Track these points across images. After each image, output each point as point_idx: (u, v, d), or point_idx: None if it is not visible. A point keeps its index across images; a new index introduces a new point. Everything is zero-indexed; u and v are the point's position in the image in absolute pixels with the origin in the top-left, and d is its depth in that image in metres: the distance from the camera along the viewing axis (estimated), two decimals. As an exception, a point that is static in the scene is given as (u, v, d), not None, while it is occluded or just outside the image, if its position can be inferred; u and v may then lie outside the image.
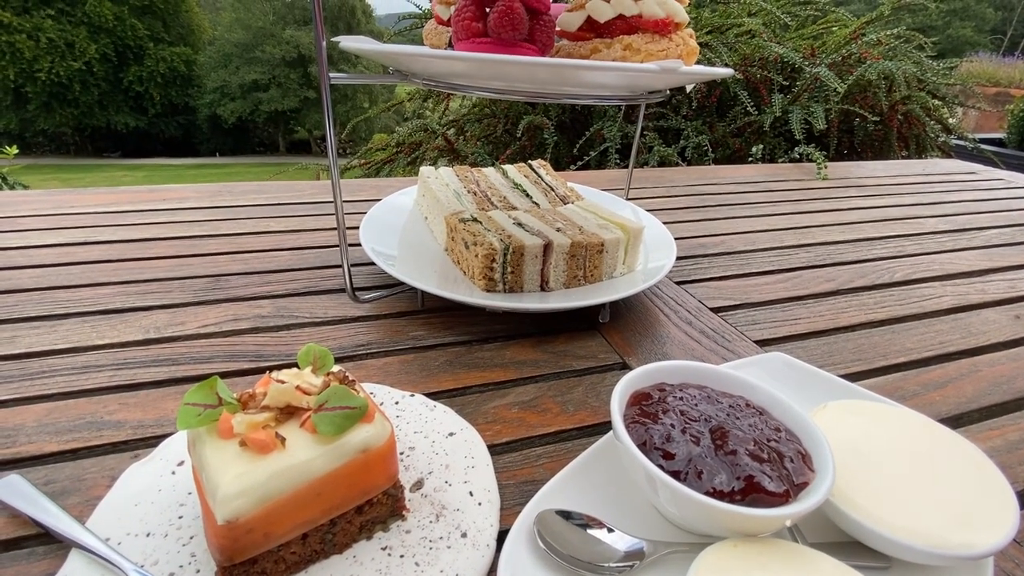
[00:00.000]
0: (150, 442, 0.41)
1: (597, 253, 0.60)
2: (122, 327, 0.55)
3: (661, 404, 0.34)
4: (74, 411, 0.43)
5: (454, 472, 0.37)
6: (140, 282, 0.64)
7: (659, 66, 0.39)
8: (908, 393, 0.51)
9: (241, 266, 0.70)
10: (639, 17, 0.44)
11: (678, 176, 1.24)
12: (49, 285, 0.63)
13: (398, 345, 0.54)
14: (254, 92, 17.74)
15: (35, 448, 0.40)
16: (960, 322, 0.65)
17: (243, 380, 0.48)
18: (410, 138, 1.91)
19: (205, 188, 0.99)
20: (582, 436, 0.44)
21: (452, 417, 0.42)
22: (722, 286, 0.71)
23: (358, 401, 0.30)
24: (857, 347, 0.59)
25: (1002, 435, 0.46)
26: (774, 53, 1.70)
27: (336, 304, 0.61)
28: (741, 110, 1.84)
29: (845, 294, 0.71)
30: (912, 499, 0.31)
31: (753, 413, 0.34)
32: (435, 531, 0.33)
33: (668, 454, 0.31)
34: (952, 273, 0.78)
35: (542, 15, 0.41)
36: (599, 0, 0.45)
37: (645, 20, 0.44)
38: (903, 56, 1.94)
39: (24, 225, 0.79)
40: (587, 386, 0.50)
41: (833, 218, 1.00)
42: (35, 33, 16.06)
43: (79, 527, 0.32)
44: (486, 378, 0.50)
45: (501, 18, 0.38)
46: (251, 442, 0.27)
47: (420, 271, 0.61)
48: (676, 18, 0.44)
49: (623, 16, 0.44)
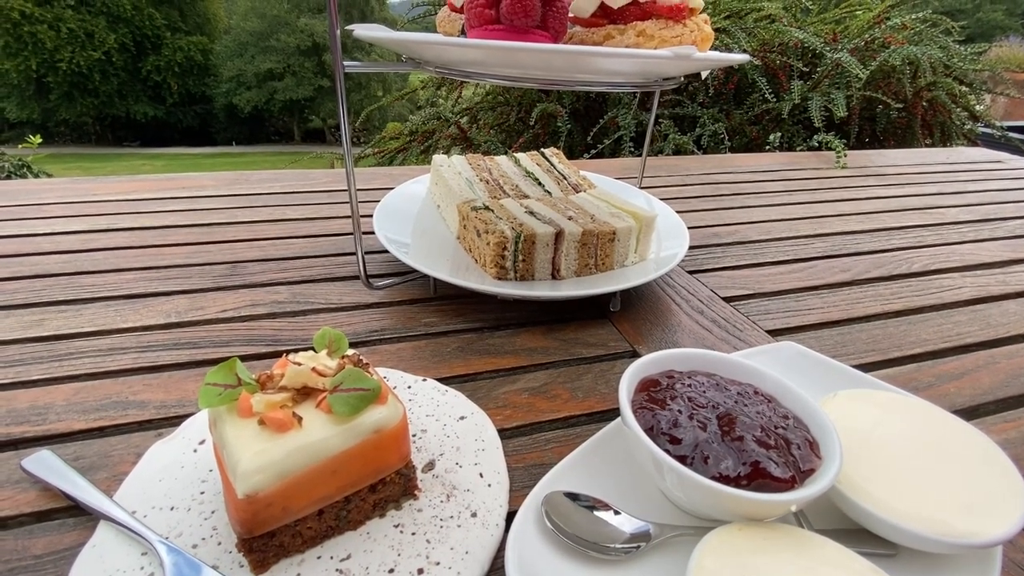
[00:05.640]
0: (172, 421, 0.42)
1: (608, 241, 0.60)
2: (144, 311, 0.57)
3: (669, 391, 0.34)
4: (100, 391, 0.45)
5: (465, 454, 0.38)
6: (161, 268, 0.66)
7: (672, 52, 0.39)
8: (922, 384, 0.51)
9: (258, 253, 0.71)
10: (653, 3, 0.43)
11: (693, 164, 1.22)
12: (74, 270, 0.65)
13: (411, 331, 0.55)
14: (269, 81, 17.85)
15: (64, 426, 0.41)
16: (979, 313, 0.64)
17: (261, 363, 0.50)
18: (423, 127, 1.92)
19: (222, 176, 1.01)
20: (591, 422, 0.44)
21: (463, 401, 0.43)
22: (735, 275, 0.71)
23: (372, 383, 0.31)
24: (872, 338, 0.58)
25: (1017, 427, 0.46)
26: (794, 38, 1.66)
27: (351, 291, 0.62)
28: (759, 97, 1.80)
29: (861, 284, 0.70)
30: (920, 487, 0.31)
31: (761, 401, 0.34)
32: (446, 510, 0.34)
33: (675, 439, 0.31)
34: (973, 264, 0.77)
35: (555, 2, 0.41)
36: (613, -14, 0.44)
37: (659, 6, 0.43)
38: (929, 41, 1.88)
39: (50, 212, 0.82)
40: (596, 373, 0.50)
41: (851, 208, 0.98)
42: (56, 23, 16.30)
43: (107, 500, 0.33)
44: (497, 364, 0.51)
45: (514, 5, 0.38)
46: (269, 421, 0.28)
47: (432, 259, 0.62)
48: (690, 3, 0.43)
49: (637, 2, 0.44)
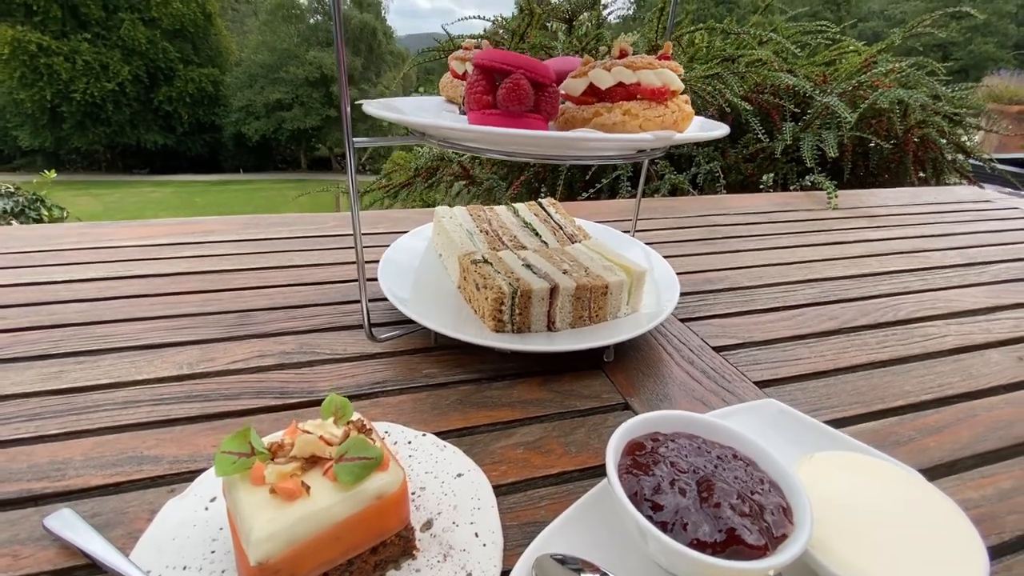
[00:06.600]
0: (184, 476, 0.45)
1: (601, 295, 0.63)
2: (158, 363, 0.59)
3: (653, 455, 0.37)
4: (116, 446, 0.47)
5: (461, 513, 0.40)
6: (173, 317, 0.69)
7: (654, 136, 0.42)
8: (903, 439, 0.53)
9: (266, 301, 0.74)
10: (637, 85, 0.47)
11: (688, 206, 1.26)
12: (91, 320, 0.68)
13: (412, 383, 0.58)
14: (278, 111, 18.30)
15: (82, 481, 0.44)
16: (961, 363, 0.66)
17: (269, 417, 0.52)
18: (427, 164, 1.98)
19: (233, 220, 1.05)
20: (583, 478, 0.46)
21: (461, 458, 0.45)
22: (725, 324, 0.73)
23: (374, 451, 0.33)
24: (856, 389, 0.60)
25: (994, 483, 0.48)
26: (785, 83, 1.73)
27: (355, 340, 0.65)
28: (753, 137, 1.86)
29: (848, 333, 0.72)
30: (888, 550, 0.33)
31: (739, 465, 0.36)
32: (443, 571, 0.36)
33: (657, 505, 0.33)
34: (957, 311, 0.79)
35: (547, 87, 0.45)
36: (600, 69, 0.48)
37: (643, 88, 0.47)
38: (915, 83, 1.94)
39: (67, 259, 0.85)
40: (590, 427, 0.52)
41: (840, 251, 1.01)
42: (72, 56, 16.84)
43: (124, 560, 0.35)
44: (494, 417, 0.53)
45: (509, 94, 0.42)
46: (280, 490, 0.31)
47: (434, 309, 0.65)
48: (671, 87, 0.47)
49: (623, 84, 0.48)
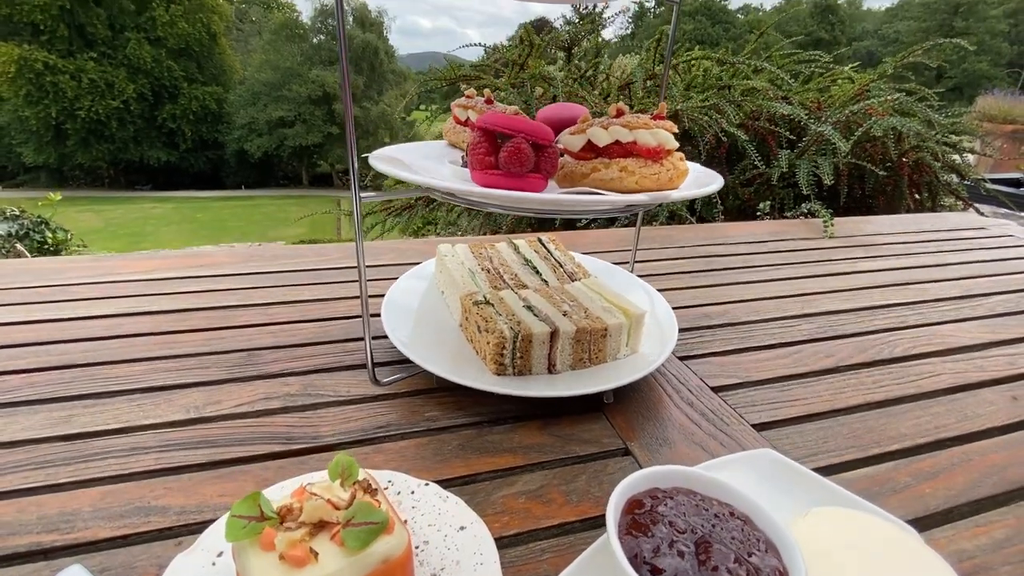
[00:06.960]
0: (191, 528, 0.45)
1: (601, 337, 0.64)
2: (165, 406, 0.60)
3: (652, 514, 0.37)
4: (124, 496, 0.48)
5: (464, 569, 0.41)
6: (180, 356, 0.70)
7: (649, 197, 0.44)
8: (899, 485, 0.53)
9: (271, 339, 0.75)
10: (634, 143, 0.49)
11: (686, 235, 1.28)
12: (99, 360, 0.69)
13: (415, 427, 0.59)
14: (280, 128, 18.51)
15: (91, 534, 0.44)
16: (956, 403, 0.67)
17: (274, 464, 0.53)
18: (429, 189, 2.00)
19: (238, 252, 1.06)
20: (584, 529, 0.47)
21: (463, 510, 0.46)
22: (724, 362, 0.74)
23: (380, 516, 0.34)
24: (852, 432, 0.61)
25: (988, 532, 0.48)
26: (780, 112, 1.76)
27: (358, 382, 0.66)
28: (749, 163, 1.89)
29: (844, 371, 0.73)
30: (883, 616, 0.34)
31: (737, 525, 0.37)
32: (446, 630, 0.36)
33: (656, 569, 0.34)
34: (952, 348, 0.80)
35: (546, 148, 0.47)
36: (598, 128, 0.50)
37: (639, 147, 0.49)
38: (910, 109, 1.98)
39: (74, 294, 0.86)
40: (590, 474, 0.53)
41: (837, 283, 1.02)
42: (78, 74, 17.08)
43: (134, 621, 0.36)
44: (495, 464, 0.54)
45: (511, 157, 0.44)
46: (289, 558, 0.32)
47: (435, 350, 0.66)
48: (667, 146, 0.49)
49: (619, 142, 0.50)
